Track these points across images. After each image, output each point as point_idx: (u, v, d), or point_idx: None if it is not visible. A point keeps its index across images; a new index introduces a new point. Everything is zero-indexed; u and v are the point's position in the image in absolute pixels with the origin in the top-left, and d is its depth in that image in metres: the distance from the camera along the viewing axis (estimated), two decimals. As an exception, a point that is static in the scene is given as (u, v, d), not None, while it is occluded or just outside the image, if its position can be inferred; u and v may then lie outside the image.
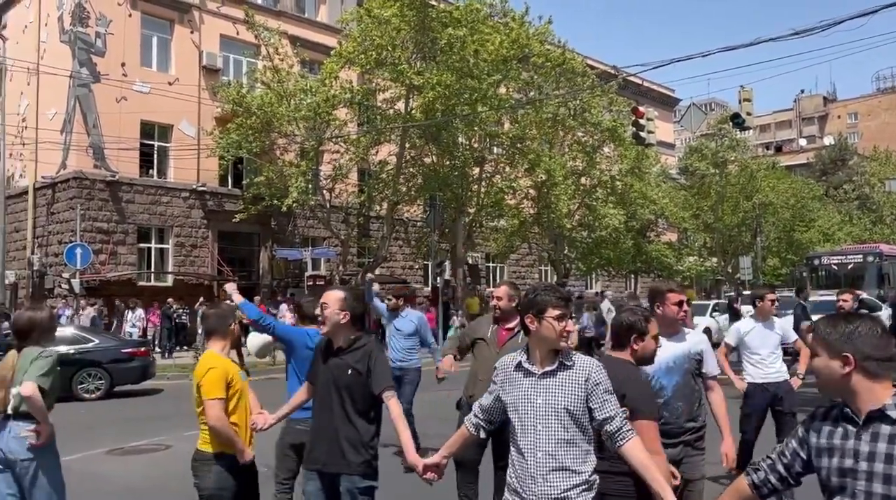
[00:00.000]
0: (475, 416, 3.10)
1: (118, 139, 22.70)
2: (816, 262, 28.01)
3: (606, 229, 26.76)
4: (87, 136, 22.79)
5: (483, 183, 25.09)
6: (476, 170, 24.90)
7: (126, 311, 21.28)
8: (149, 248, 24.25)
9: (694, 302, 24.93)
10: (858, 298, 8.95)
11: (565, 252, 29.13)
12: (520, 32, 22.54)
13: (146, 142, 24.19)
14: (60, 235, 22.87)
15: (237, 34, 25.26)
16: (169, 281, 24.10)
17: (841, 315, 2.21)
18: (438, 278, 24.95)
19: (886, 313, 15.41)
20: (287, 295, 24.63)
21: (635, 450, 2.78)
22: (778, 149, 76.76)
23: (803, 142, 77.26)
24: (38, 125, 23.47)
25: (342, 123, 22.40)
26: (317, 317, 5.34)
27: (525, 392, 2.84)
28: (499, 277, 34.91)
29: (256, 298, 21.85)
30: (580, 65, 25.79)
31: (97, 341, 13.72)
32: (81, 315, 19.43)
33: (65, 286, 21.33)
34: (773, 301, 6.34)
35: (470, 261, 30.15)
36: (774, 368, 6.16)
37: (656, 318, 4.14)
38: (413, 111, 21.71)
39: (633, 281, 36.15)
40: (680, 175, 39.76)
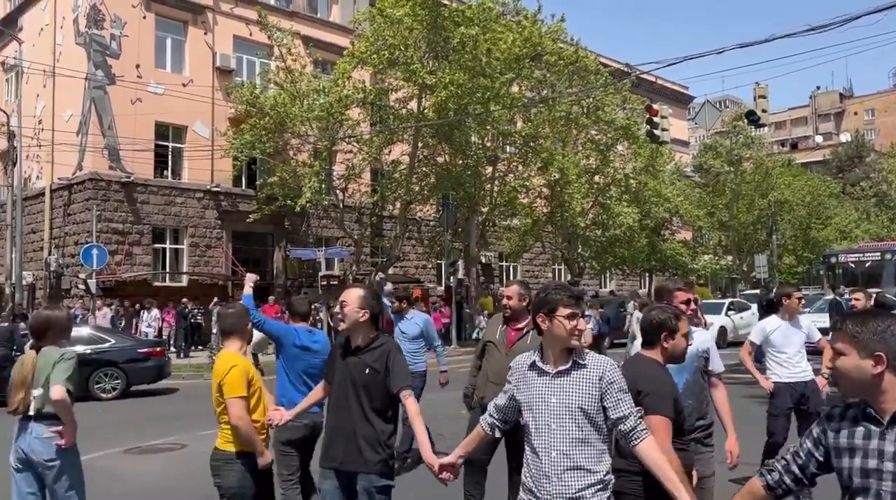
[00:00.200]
0: (490, 416, 3.11)
1: (133, 140, 22.89)
2: (833, 260, 27.76)
3: (620, 228, 26.65)
4: (103, 137, 22.98)
5: (496, 182, 25.05)
6: (489, 169, 24.87)
7: (142, 311, 21.45)
8: (164, 248, 24.43)
9: (709, 301, 24.80)
10: (871, 296, 8.81)
11: (579, 251, 29.04)
12: (532, 31, 22.48)
13: (161, 143, 24.37)
14: (77, 235, 23.08)
15: (250, 35, 25.38)
16: (184, 281, 24.25)
17: (869, 313, 2.15)
18: (452, 278, 24.96)
19: None
20: (301, 295, 24.70)
21: (650, 449, 2.76)
22: (794, 146, 76.15)
23: (819, 139, 76.55)
24: (55, 127, 23.69)
25: (355, 123, 22.44)
26: (307, 315, 5.42)
27: (539, 392, 2.83)
28: (512, 276, 34.85)
29: (271, 297, 21.96)
30: (593, 63, 25.69)
31: (113, 341, 13.83)
32: (97, 315, 19.60)
33: (81, 287, 21.51)
34: (800, 299, 6.27)
35: (483, 260, 30.12)
36: (801, 367, 6.07)
37: None
38: (426, 111, 21.71)
39: (648, 280, 35.99)
40: (694, 173, 39.55)
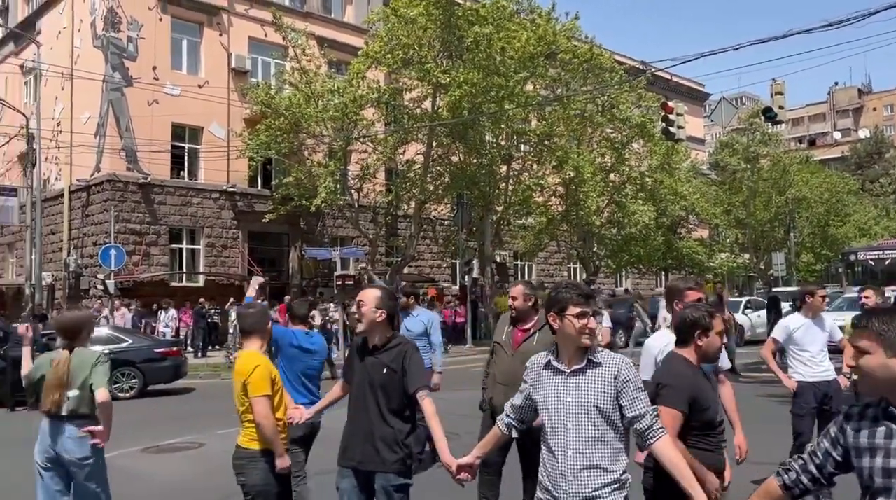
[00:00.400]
0: (507, 415, 3.11)
1: (150, 142, 23.08)
2: (852, 257, 27.48)
3: (636, 226, 26.52)
4: (120, 139, 23.19)
5: (511, 181, 25.01)
6: (503, 168, 24.83)
7: (159, 311, 21.63)
8: (180, 249, 24.60)
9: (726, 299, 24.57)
10: (883, 293, 8.62)
11: (594, 250, 28.93)
12: (546, 29, 22.40)
13: (177, 144, 24.54)
14: (95, 236, 23.31)
15: (265, 36, 25.49)
16: (200, 281, 24.42)
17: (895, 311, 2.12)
18: (466, 277, 24.96)
19: None
20: (317, 294, 24.82)
21: (666, 448, 2.76)
22: (811, 143, 75.47)
23: (838, 135, 75.80)
24: (73, 129, 23.92)
25: (369, 123, 22.48)
26: (305, 318, 5.50)
27: (555, 390, 2.83)
28: (527, 274, 34.78)
29: (287, 297, 22.05)
30: (608, 60, 25.56)
31: (131, 340, 13.95)
32: (115, 315, 19.79)
33: (100, 287, 21.72)
34: (824, 298, 6.18)
35: (498, 259, 30.08)
36: (824, 366, 5.99)
37: (674, 315, 4.11)
38: (440, 110, 21.71)
39: (664, 278, 35.79)
40: (711, 170, 39.28)
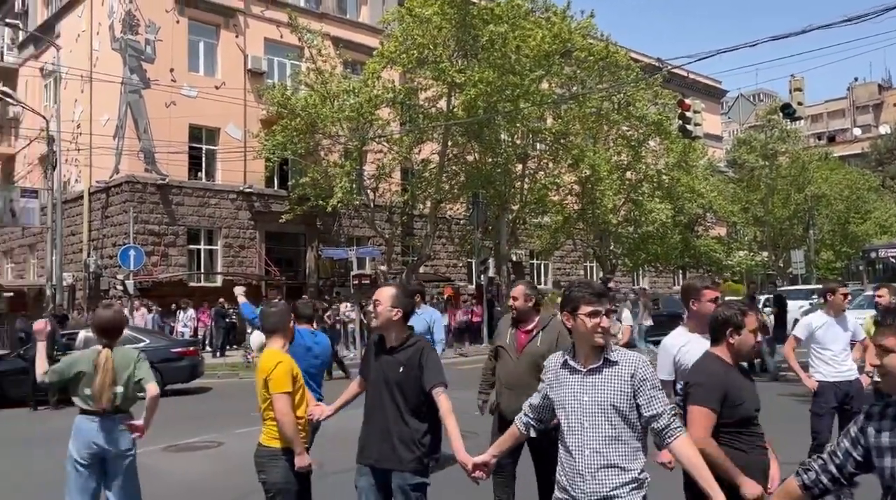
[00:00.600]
0: (525, 414, 3.11)
1: (168, 143, 23.27)
2: (873, 255, 27.11)
3: (653, 224, 26.37)
4: (139, 140, 23.40)
5: (526, 179, 24.97)
6: (519, 166, 24.79)
7: (178, 311, 21.81)
8: (198, 249, 24.79)
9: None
10: None
11: (611, 248, 28.81)
12: (562, 27, 22.33)
13: (194, 145, 24.74)
14: (114, 237, 23.54)
15: (281, 37, 25.63)
16: (218, 281, 24.57)
17: None
18: (483, 276, 24.95)
19: None
20: (334, 294, 24.92)
21: (684, 447, 2.74)
22: (831, 139, 74.61)
23: (858, 131, 74.90)
24: (92, 131, 24.16)
25: (385, 123, 22.54)
26: (311, 318, 5.58)
27: (572, 390, 2.82)
28: (543, 273, 34.72)
29: (304, 297, 22.16)
30: (624, 58, 25.43)
31: (148, 340, 14.06)
32: (135, 315, 19.97)
33: (119, 287, 21.93)
34: (846, 296, 6.08)
35: (514, 258, 30.03)
36: (846, 365, 5.88)
37: (690, 314, 4.08)
38: (455, 109, 21.71)
39: (681, 277, 35.58)
40: (728, 168, 39.01)
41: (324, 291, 26.06)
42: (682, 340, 4.00)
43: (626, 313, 10.27)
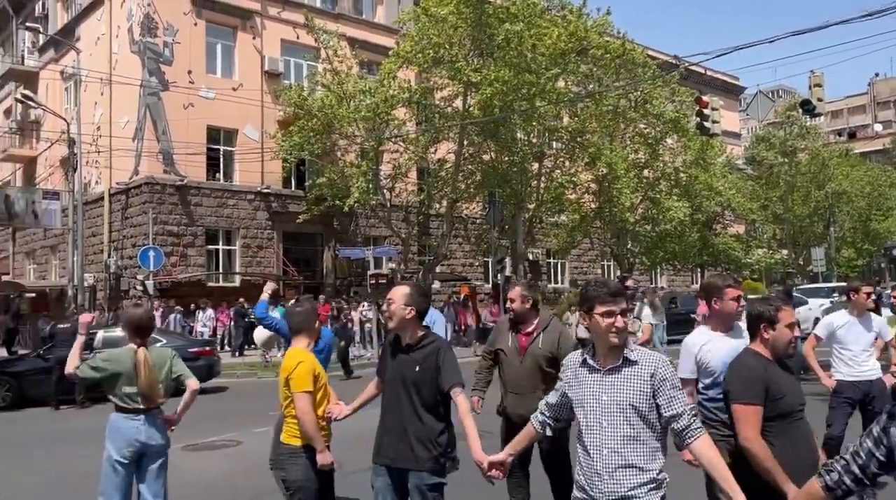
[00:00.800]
0: (542, 413, 3.10)
1: (186, 145, 23.45)
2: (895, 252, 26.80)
3: (671, 223, 26.21)
4: (158, 142, 23.60)
5: (543, 178, 24.90)
6: (535, 165, 24.73)
7: (197, 311, 21.98)
8: (217, 249, 24.98)
9: (764, 296, 24.17)
10: None
11: (629, 246, 28.66)
12: (578, 25, 22.24)
13: (212, 146, 24.91)
14: (134, 238, 23.77)
15: (297, 38, 25.74)
16: (236, 282, 24.74)
17: None
18: (499, 275, 24.90)
19: None
20: (351, 294, 25.00)
21: (704, 448, 2.72)
22: (851, 135, 73.71)
23: (879, 127, 73.88)
24: (112, 133, 24.42)
25: (401, 123, 22.56)
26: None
27: (591, 389, 2.81)
28: (560, 272, 34.62)
29: (321, 297, 22.25)
30: (641, 55, 25.29)
31: (165, 340, 14.16)
32: (155, 316, 20.13)
33: (139, 288, 22.13)
34: (869, 294, 5.99)
35: (531, 257, 29.95)
36: (867, 365, 5.76)
37: (712, 313, 4.04)
38: (471, 108, 21.70)
39: (700, 275, 35.32)
40: (747, 165, 38.67)
41: (341, 290, 26.15)
42: (704, 338, 3.98)
43: (647, 311, 10.16)
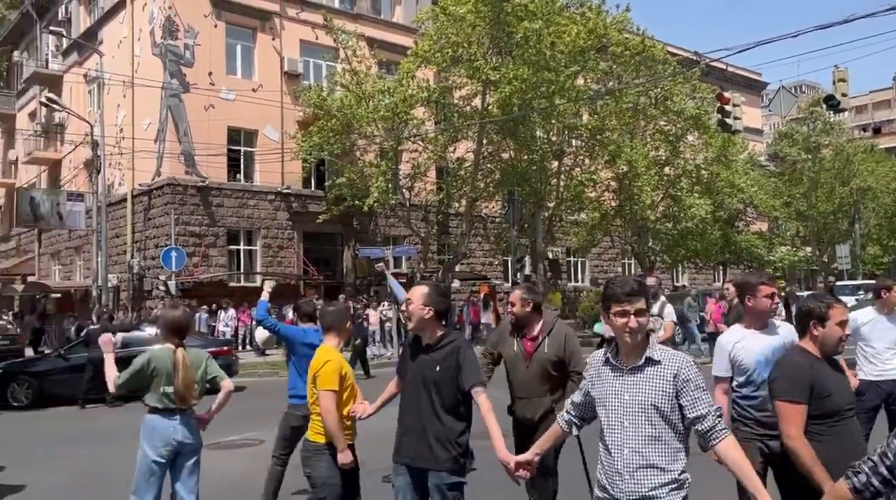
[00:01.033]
0: (567, 412, 3.09)
1: (207, 146, 23.66)
2: (922, 249, 26.37)
3: (692, 220, 26.00)
4: (179, 144, 23.84)
5: (562, 176, 24.80)
6: (555, 163, 24.63)
7: (219, 311, 22.15)
8: (238, 250, 25.18)
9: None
10: None
11: (649, 245, 28.46)
12: (597, 22, 22.10)
13: (233, 147, 25.11)
14: (157, 239, 24.02)
15: (316, 39, 25.86)
16: (258, 281, 24.89)
17: None
18: (519, 274, 24.84)
19: None
20: (371, 293, 25.08)
21: (729, 450, 2.69)
22: (876, 131, 72.67)
23: (905, 122, 72.75)
24: (134, 135, 24.70)
25: (420, 122, 22.58)
26: (313, 315, 5.75)
27: (613, 388, 2.79)
28: (580, 271, 34.48)
29: (341, 296, 22.34)
30: (661, 52, 25.08)
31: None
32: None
33: (162, 288, 22.36)
34: None
35: (550, 256, 29.87)
36: (891, 364, 5.67)
37: (746, 310, 4.01)
38: (490, 107, 21.66)
39: (722, 273, 35.00)
40: (769, 162, 38.25)
41: (361, 290, 26.25)
42: (738, 336, 3.99)
43: (669, 309, 10.02)
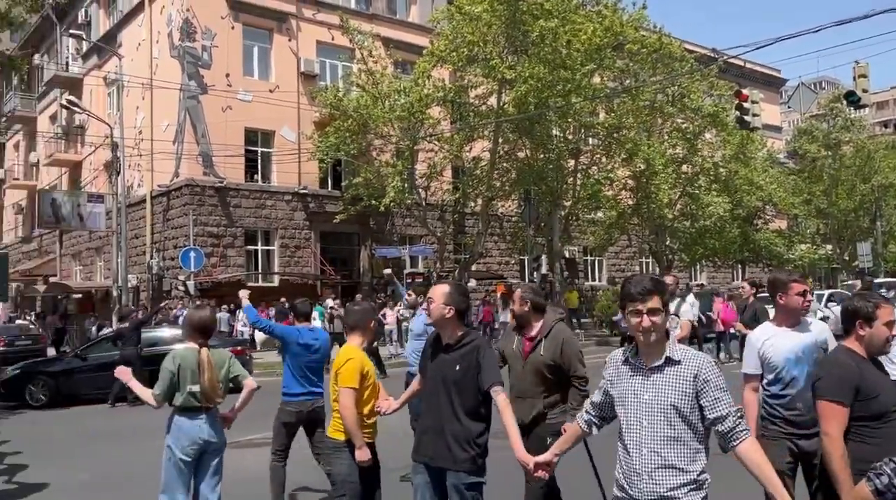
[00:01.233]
0: (587, 412, 3.09)
1: (224, 147, 23.82)
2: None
3: (710, 218, 25.82)
4: (197, 145, 24.02)
5: (579, 175, 24.71)
6: (571, 162, 24.55)
7: (237, 311, 22.25)
8: (256, 250, 25.33)
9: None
10: None
11: (667, 243, 28.30)
12: (613, 20, 21.99)
13: (250, 148, 25.26)
14: (175, 239, 24.22)
15: (332, 40, 25.95)
16: (275, 281, 25.07)
17: None
18: (535, 273, 24.80)
19: None
20: (388, 292, 25.12)
21: (749, 451, 2.67)
22: (898, 126, 71.66)
23: (927, 118, 71.72)
24: (153, 137, 24.93)
25: (436, 122, 22.59)
26: (308, 315, 5.82)
27: (632, 387, 2.78)
28: (597, 270, 34.34)
29: (358, 295, 22.41)
30: (678, 49, 24.91)
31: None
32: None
33: (181, 288, 22.55)
34: None
35: (567, 255, 29.77)
36: None
37: (777, 308, 3.98)
38: (506, 106, 21.63)
39: (741, 271, 34.72)
40: (788, 159, 37.88)
41: (377, 289, 26.31)
42: (767, 333, 3.98)
43: (686, 307, 9.94)
